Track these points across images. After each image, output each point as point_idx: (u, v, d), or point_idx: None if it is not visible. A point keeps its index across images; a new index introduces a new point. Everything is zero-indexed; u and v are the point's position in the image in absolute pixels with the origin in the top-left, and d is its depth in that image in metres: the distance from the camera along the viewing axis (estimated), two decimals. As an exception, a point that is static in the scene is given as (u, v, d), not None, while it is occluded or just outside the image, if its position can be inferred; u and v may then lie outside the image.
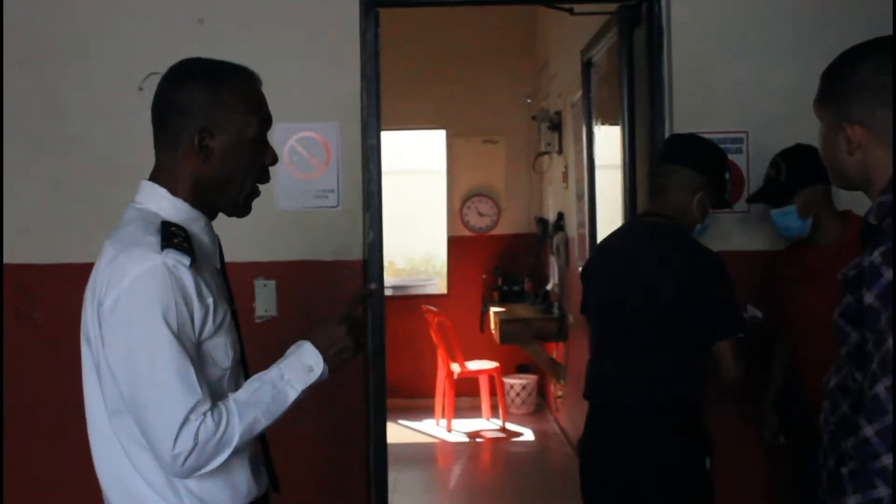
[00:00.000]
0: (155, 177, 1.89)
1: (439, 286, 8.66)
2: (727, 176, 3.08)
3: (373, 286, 3.19)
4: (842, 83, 1.82)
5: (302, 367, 1.84)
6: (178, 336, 1.71)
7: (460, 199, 8.36)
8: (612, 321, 2.94)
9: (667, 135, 3.42)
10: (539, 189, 8.10)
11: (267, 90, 1.95)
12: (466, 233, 8.33)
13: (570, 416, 6.64)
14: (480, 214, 8.34)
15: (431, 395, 7.49)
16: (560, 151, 6.85)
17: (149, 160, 3.17)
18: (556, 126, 6.90)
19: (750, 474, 3.41)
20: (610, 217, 4.49)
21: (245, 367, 1.99)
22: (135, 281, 1.70)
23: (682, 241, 2.90)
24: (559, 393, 7.06)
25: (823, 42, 3.29)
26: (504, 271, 8.11)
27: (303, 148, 3.32)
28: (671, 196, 2.92)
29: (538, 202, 8.14)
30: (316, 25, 3.32)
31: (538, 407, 7.83)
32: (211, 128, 1.84)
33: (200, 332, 1.77)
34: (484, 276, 8.21)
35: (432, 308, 7.43)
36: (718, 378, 2.83)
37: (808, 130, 3.40)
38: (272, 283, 3.31)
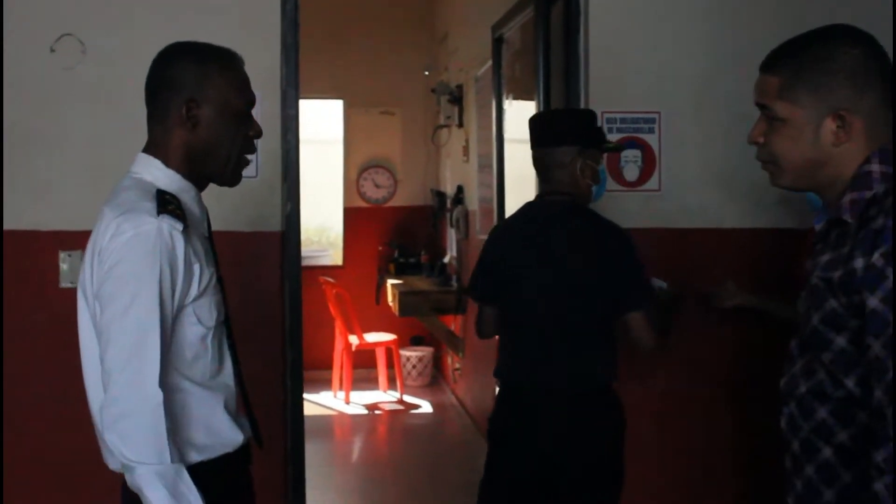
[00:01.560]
0: (149, 149, 2.04)
1: (334, 258, 8.62)
2: (597, 125, 3.07)
3: None
4: (820, 71, 1.71)
5: None
6: (160, 297, 1.84)
7: (357, 170, 8.32)
8: (527, 301, 2.94)
9: (582, 113, 3.47)
10: (436, 162, 8.12)
11: None
12: (363, 204, 8.31)
13: (469, 388, 6.72)
14: (377, 186, 8.32)
15: (328, 368, 7.47)
16: (461, 125, 6.88)
17: (58, 124, 3.13)
18: (457, 99, 6.92)
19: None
20: (519, 190, 4.54)
21: (228, 327, 2.11)
22: (132, 239, 1.84)
23: (589, 218, 2.94)
24: (457, 365, 7.13)
25: (736, 26, 3.43)
26: (400, 243, 8.11)
27: (220, 117, 3.25)
28: (556, 175, 2.95)
29: (435, 175, 8.17)
30: (235, -6, 3.24)
31: (433, 379, 7.90)
32: (198, 98, 1.99)
33: (185, 295, 1.92)
34: (380, 248, 8.21)
35: (330, 280, 7.39)
36: (631, 347, 2.91)
37: (718, 111, 3.57)
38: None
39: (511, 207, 4.60)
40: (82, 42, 3.15)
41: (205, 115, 2.00)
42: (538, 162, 3.01)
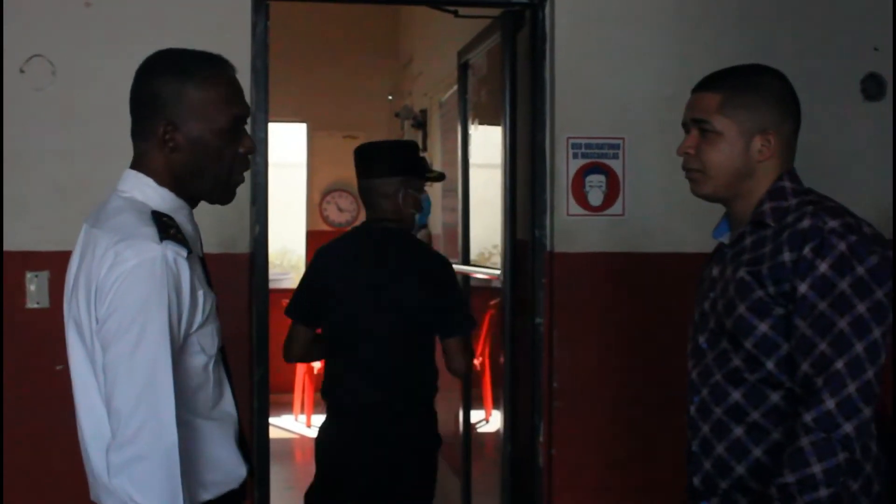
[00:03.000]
0: (137, 166, 1.88)
1: (295, 281, 8.55)
2: (419, 156, 3.26)
3: None
4: (755, 94, 2.00)
5: None
6: (169, 328, 1.71)
7: (320, 194, 8.33)
8: (349, 324, 3.05)
9: (547, 139, 3.53)
10: (399, 186, 8.14)
11: None
12: (326, 227, 8.31)
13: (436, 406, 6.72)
14: (340, 210, 8.34)
15: (290, 391, 7.44)
16: (424, 149, 6.92)
17: (25, 144, 3.11)
18: (421, 124, 6.96)
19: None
20: (482, 214, 4.58)
21: (224, 353, 1.98)
22: (136, 268, 1.69)
23: (413, 246, 3.13)
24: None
25: (699, 54, 3.50)
26: (363, 267, 8.10)
27: (189, 139, 3.25)
28: (380, 205, 3.09)
29: (398, 199, 8.18)
30: (206, 17, 3.25)
31: (395, 402, 7.88)
32: (176, 121, 1.83)
33: (190, 324, 1.78)
34: (343, 272, 8.19)
35: (292, 303, 7.36)
36: (448, 369, 3.07)
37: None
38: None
39: (476, 231, 4.64)
40: (52, 63, 3.15)
41: (183, 138, 1.83)
42: (364, 192, 3.15)
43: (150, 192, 1.84)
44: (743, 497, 1.93)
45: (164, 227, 1.76)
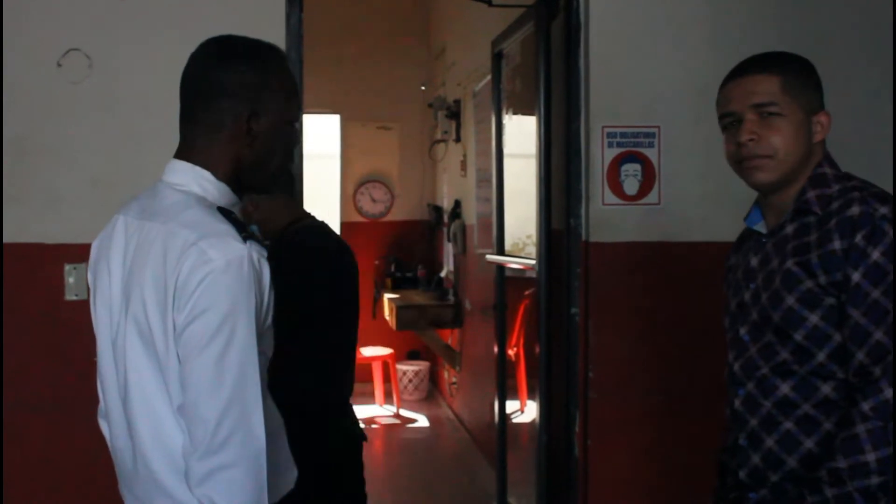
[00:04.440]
0: (189, 157, 1.77)
1: (329, 272, 8.61)
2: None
3: None
4: (807, 75, 2.00)
5: None
6: (253, 332, 1.65)
7: (354, 185, 8.35)
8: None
9: (582, 128, 3.51)
10: (433, 176, 8.15)
11: None
12: (359, 218, 8.33)
13: (466, 402, 6.74)
14: (374, 200, 8.35)
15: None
16: (458, 140, 6.91)
17: (62, 137, 3.14)
18: (455, 114, 6.95)
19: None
20: (515, 204, 4.57)
21: None
22: (225, 269, 1.61)
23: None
24: (453, 379, 7.14)
25: (735, 41, 3.46)
26: (397, 258, 8.14)
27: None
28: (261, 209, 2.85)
29: (432, 189, 8.19)
30: (240, 8, 3.26)
31: (429, 393, 7.91)
32: (259, 110, 1.76)
33: (263, 325, 1.71)
34: (377, 263, 8.23)
35: (327, 294, 7.39)
36: None
37: (717, 125, 3.59)
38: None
39: (510, 221, 4.63)
40: (89, 56, 3.17)
41: (263, 131, 1.77)
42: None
43: (208, 187, 1.76)
44: (794, 487, 1.90)
45: (241, 225, 1.68)
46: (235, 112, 1.75)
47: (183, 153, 1.79)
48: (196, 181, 1.75)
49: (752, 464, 1.99)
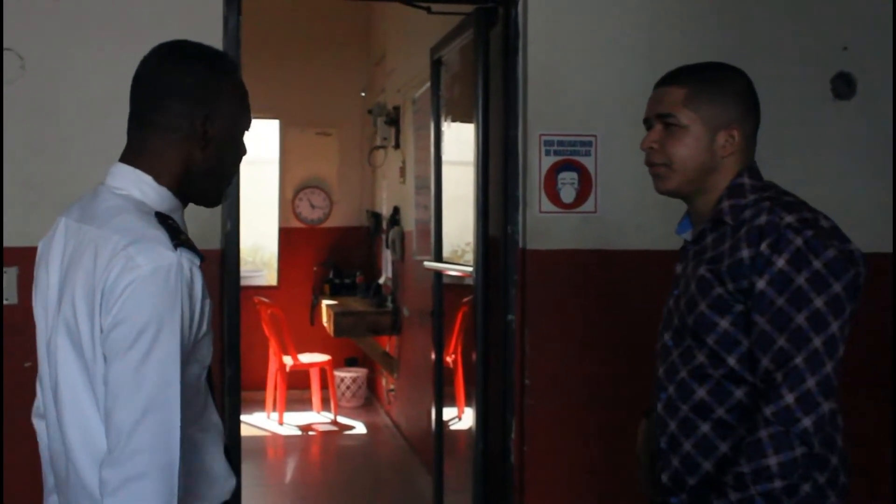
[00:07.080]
0: (133, 161, 1.74)
1: (268, 278, 8.57)
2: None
3: None
4: (718, 90, 2.00)
5: None
6: (181, 343, 1.61)
7: (293, 191, 8.31)
8: None
9: (520, 136, 3.53)
10: (372, 183, 8.14)
11: (126, 77, 1.81)
12: (298, 224, 8.29)
13: (403, 409, 6.73)
14: (313, 206, 8.32)
15: (262, 388, 7.41)
16: (397, 146, 6.91)
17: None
18: (394, 121, 6.95)
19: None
20: (454, 211, 4.58)
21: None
22: (151, 275, 1.57)
23: None
24: (391, 386, 7.13)
25: (671, 52, 3.50)
26: (335, 264, 8.11)
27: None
28: None
29: (371, 196, 8.18)
30: (177, 10, 3.23)
31: (367, 400, 7.88)
32: (213, 115, 1.74)
33: (196, 334, 1.67)
34: (315, 269, 8.19)
35: (264, 300, 7.35)
36: None
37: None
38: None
39: (449, 228, 4.64)
40: (21, 57, 3.11)
41: (217, 134, 1.74)
42: None
43: (148, 191, 1.71)
44: (711, 492, 1.93)
45: (174, 231, 1.65)
46: (190, 114, 1.72)
47: (129, 156, 1.76)
48: (136, 185, 1.72)
49: (672, 467, 2.03)
